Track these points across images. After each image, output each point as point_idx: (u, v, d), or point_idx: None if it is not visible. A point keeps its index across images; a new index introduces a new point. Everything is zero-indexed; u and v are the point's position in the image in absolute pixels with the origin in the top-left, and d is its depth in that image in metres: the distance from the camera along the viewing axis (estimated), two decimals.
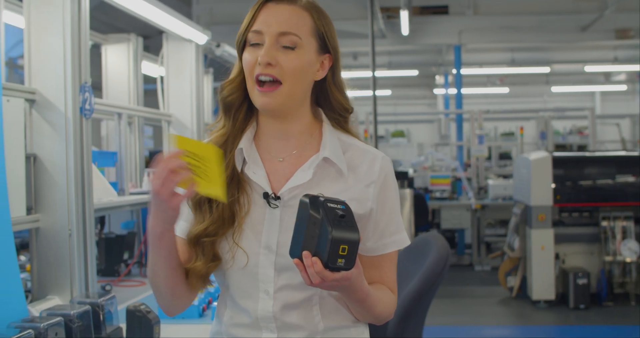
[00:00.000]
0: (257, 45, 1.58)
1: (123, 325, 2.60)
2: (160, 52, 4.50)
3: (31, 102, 2.82)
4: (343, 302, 1.64)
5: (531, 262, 7.39)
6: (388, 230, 1.67)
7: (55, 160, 2.81)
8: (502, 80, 16.62)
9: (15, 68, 13.23)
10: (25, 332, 2.11)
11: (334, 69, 1.68)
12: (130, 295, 3.44)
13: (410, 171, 11.59)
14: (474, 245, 9.83)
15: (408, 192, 7.21)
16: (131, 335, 2.52)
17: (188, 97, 4.35)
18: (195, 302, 2.88)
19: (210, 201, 1.60)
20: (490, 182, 9.93)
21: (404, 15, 9.29)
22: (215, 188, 1.46)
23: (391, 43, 11.09)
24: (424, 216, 9.71)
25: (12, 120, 2.67)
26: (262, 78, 1.56)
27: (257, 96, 1.58)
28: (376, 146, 7.93)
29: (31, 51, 2.83)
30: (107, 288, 3.57)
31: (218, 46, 4.71)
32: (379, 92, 17.37)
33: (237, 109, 1.66)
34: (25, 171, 2.75)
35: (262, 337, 1.61)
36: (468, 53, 13.08)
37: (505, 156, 14.47)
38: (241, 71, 1.63)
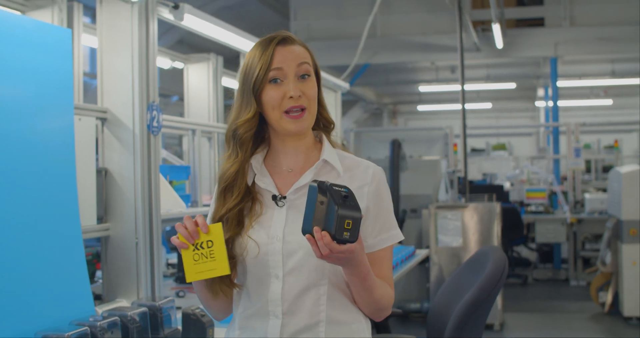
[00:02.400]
0: (277, 82, 1.84)
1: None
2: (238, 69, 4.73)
3: (103, 120, 3.07)
4: (349, 294, 1.86)
5: (623, 278, 7.25)
6: (385, 225, 1.89)
7: (125, 173, 3.04)
8: (605, 92, 16.23)
9: None
10: (82, 329, 2.32)
11: (318, 91, 1.94)
12: None
13: (507, 185, 11.51)
14: (570, 260, 9.68)
15: (497, 206, 7.19)
16: (186, 336, 2.71)
17: None
18: None
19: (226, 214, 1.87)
20: (587, 196, 9.76)
21: (496, 28, 9.28)
22: (218, 267, 1.77)
23: (486, 56, 11.05)
24: (518, 229, 9.64)
25: (84, 137, 2.93)
26: (294, 112, 1.84)
27: (288, 124, 1.85)
28: (465, 160, 7.97)
29: (103, 73, 3.08)
30: (181, 294, 3.79)
31: None
32: (479, 105, 17.35)
33: (249, 142, 1.92)
34: (96, 184, 2.99)
35: (269, 323, 1.82)
36: (566, 65, 12.86)
37: (608, 169, 14.13)
38: (256, 110, 1.87)
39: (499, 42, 10.10)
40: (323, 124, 1.97)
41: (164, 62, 4.62)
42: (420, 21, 10.95)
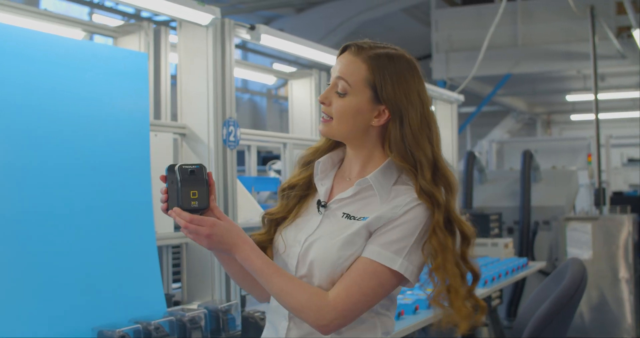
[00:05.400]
0: None
1: None
2: None
3: (182, 135, 3.32)
4: None
5: None
6: (381, 242, 1.78)
7: None
8: None
9: (274, 99, 14.41)
10: (135, 326, 2.55)
11: (400, 121, 1.84)
12: None
13: None
14: None
15: (626, 218, 6.95)
16: None
17: None
18: None
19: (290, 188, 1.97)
20: None
21: (637, 34, 8.93)
22: None
23: (632, 63, 10.62)
24: None
25: (161, 151, 3.18)
26: (322, 114, 1.91)
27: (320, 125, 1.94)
28: (599, 170, 7.75)
29: (182, 92, 3.33)
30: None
31: None
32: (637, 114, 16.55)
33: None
34: None
35: (280, 323, 1.87)
36: None
37: None
38: None
39: None
40: (409, 161, 1.84)
41: (269, 78, 4.86)
42: (563, 29, 10.68)
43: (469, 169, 7.96)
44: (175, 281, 3.56)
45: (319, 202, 1.91)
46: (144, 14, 9.80)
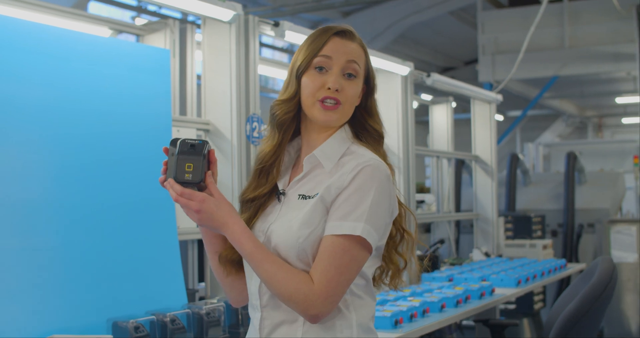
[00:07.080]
0: (321, 70, 1.87)
1: None
2: None
3: (206, 131, 3.34)
4: None
5: None
6: (339, 214, 1.78)
7: (224, 181, 3.28)
8: None
9: None
10: (149, 317, 2.57)
11: (366, 97, 1.96)
12: None
13: None
14: None
15: None
16: None
17: (395, 125, 4.65)
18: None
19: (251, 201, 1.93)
20: None
21: None
22: None
23: None
24: None
25: None
26: (329, 102, 1.85)
27: (320, 113, 1.86)
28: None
29: (206, 88, 3.35)
30: None
31: (428, 75, 4.97)
32: None
33: (288, 126, 1.94)
34: None
35: (255, 315, 1.87)
36: None
37: None
38: (297, 93, 1.91)
39: None
40: (369, 130, 1.95)
41: None
42: (610, 30, 10.52)
43: (512, 171, 7.85)
44: (201, 280, 3.58)
45: (278, 192, 1.92)
46: (190, 18, 9.92)
